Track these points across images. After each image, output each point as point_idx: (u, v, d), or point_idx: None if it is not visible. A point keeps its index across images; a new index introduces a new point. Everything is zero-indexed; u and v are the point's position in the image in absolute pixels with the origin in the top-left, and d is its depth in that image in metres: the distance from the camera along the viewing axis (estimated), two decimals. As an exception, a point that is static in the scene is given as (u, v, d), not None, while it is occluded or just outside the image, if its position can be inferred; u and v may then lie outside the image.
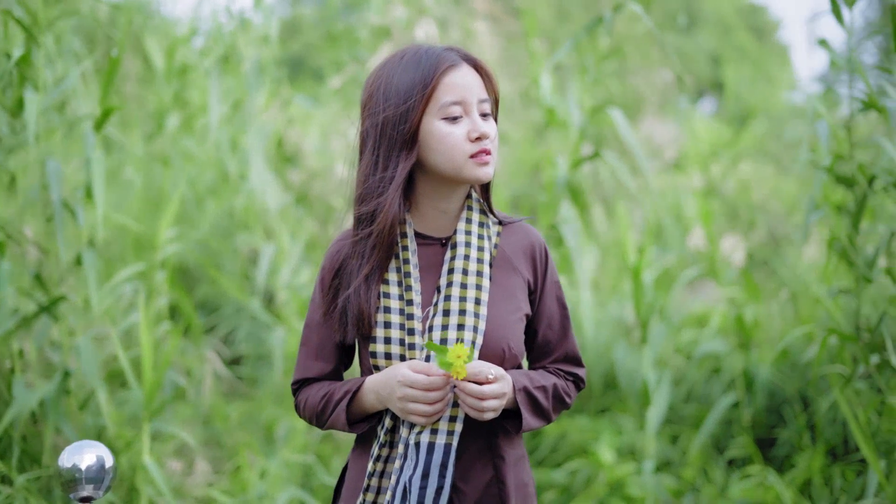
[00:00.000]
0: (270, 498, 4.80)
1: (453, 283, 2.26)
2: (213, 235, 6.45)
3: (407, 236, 2.30)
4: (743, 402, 5.66)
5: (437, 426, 2.20)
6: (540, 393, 2.30)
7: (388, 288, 2.28)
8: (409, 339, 2.25)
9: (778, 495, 5.08)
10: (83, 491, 2.41)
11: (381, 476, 2.26)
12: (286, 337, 5.50)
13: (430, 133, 2.25)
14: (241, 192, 6.18)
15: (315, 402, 2.35)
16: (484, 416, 2.16)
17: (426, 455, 2.19)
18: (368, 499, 2.26)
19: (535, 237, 2.41)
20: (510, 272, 2.34)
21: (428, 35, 6.00)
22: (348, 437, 5.63)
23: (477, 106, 2.27)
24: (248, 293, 6.07)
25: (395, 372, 2.19)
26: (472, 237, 2.31)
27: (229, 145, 6.08)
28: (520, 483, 2.33)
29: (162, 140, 6.09)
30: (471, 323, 2.23)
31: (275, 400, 5.64)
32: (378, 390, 2.23)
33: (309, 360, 2.40)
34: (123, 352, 4.34)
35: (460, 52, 2.30)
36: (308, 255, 6.11)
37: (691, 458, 5.54)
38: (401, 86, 2.27)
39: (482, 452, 2.28)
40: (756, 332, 5.92)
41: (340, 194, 6.35)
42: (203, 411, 5.44)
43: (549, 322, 2.39)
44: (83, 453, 2.42)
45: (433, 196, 2.32)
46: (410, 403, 2.16)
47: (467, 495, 2.26)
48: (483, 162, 2.25)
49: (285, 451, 5.09)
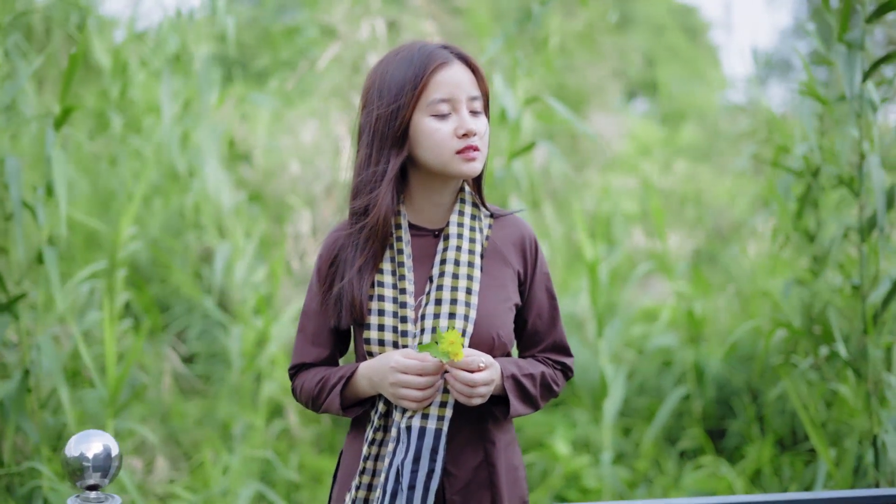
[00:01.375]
0: (233, 493, 4.82)
1: (445, 274, 2.32)
2: (164, 234, 6.42)
3: (401, 227, 2.36)
4: (694, 394, 5.77)
5: (427, 411, 2.27)
6: (528, 380, 2.37)
7: (382, 277, 2.34)
8: (401, 326, 2.31)
9: (730, 485, 5.19)
10: (90, 479, 2.43)
11: (375, 459, 2.33)
12: (243, 334, 5.51)
13: (419, 130, 2.31)
14: (191, 190, 6.17)
15: (311, 386, 2.41)
16: (472, 402, 2.23)
17: (417, 439, 2.26)
18: (364, 481, 2.32)
19: (525, 230, 2.48)
20: (501, 263, 2.41)
21: (377, 34, 6.03)
22: (304, 433, 5.65)
23: (466, 103, 2.32)
24: (201, 291, 6.06)
25: (388, 358, 2.26)
26: (465, 229, 2.38)
27: (179, 143, 6.06)
28: (510, 466, 2.41)
29: (106, 139, 6.04)
30: (462, 312, 2.30)
31: (231, 397, 5.65)
32: (371, 376, 2.30)
33: (306, 346, 2.46)
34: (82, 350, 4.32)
35: (454, 50, 2.36)
36: (263, 253, 6.12)
37: (644, 450, 5.64)
38: (393, 83, 2.33)
39: (472, 437, 2.35)
40: (705, 326, 6.04)
41: (294, 192, 6.37)
42: (161, 409, 5.43)
43: (538, 312, 2.46)
44: (90, 442, 2.44)
45: (425, 189, 2.38)
46: (402, 389, 2.23)
47: (458, 478, 2.33)
48: (469, 158, 2.31)
49: (245, 448, 5.11)
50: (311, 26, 6.80)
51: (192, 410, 5.60)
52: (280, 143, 6.69)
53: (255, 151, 6.51)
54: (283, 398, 5.66)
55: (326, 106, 6.54)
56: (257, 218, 6.20)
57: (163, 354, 5.50)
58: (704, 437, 5.55)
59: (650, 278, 7.48)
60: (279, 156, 6.57)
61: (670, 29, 17.34)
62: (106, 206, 6.09)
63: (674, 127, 12.76)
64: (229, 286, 5.96)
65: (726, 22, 21.61)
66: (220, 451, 5.10)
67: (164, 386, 5.36)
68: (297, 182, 6.33)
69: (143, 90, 6.47)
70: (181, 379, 5.85)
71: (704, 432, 5.69)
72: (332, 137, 6.38)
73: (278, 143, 6.69)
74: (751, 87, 7.81)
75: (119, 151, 5.87)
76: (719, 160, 10.44)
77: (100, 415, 4.56)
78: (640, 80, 16.22)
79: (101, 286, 5.00)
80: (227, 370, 5.79)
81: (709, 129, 11.72)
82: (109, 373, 4.21)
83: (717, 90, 15.94)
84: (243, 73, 7.14)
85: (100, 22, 7.26)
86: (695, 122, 12.65)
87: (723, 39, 22.71)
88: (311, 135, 6.51)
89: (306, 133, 6.50)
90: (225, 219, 5.89)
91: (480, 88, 2.37)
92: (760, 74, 6.24)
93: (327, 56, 5.91)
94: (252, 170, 6.48)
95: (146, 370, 5.44)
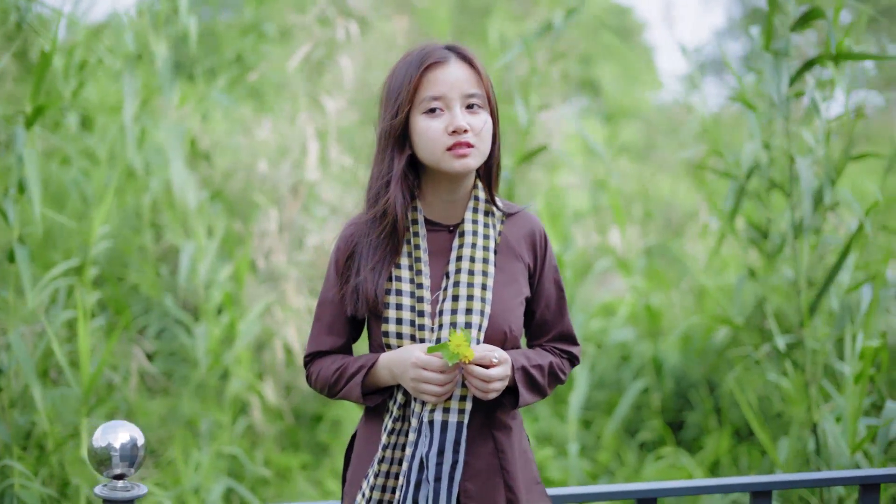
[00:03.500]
0: (205, 489, 4.84)
1: (461, 270, 2.40)
2: (120, 233, 6.39)
3: (417, 223, 2.43)
4: (652, 387, 5.88)
5: (448, 405, 2.35)
6: (536, 371, 2.45)
7: (399, 272, 2.41)
8: (419, 320, 2.39)
9: (690, 475, 5.31)
10: (117, 469, 2.50)
11: (394, 448, 2.40)
12: (209, 332, 5.52)
13: (415, 128, 2.39)
14: (148, 189, 6.15)
15: (328, 374, 2.48)
16: (488, 397, 2.32)
17: (440, 433, 2.34)
18: (382, 469, 2.39)
19: (535, 224, 2.56)
20: (513, 258, 2.49)
21: (350, 34, 6.07)
22: (268, 430, 5.69)
23: (461, 100, 2.37)
24: (160, 290, 6.05)
25: (410, 354, 2.32)
26: (479, 226, 2.45)
27: (136, 142, 6.03)
28: (520, 450, 2.49)
29: (59, 137, 5.99)
30: (478, 307, 2.37)
31: (196, 395, 5.65)
32: (392, 367, 2.37)
33: (322, 335, 2.53)
34: (53, 348, 4.31)
35: (455, 49, 2.42)
36: (227, 251, 6.12)
37: (605, 443, 5.74)
38: (394, 85, 2.41)
39: (483, 425, 2.42)
40: (661, 320, 6.16)
41: (258, 190, 6.38)
42: (127, 407, 5.41)
43: (546, 303, 2.54)
44: (117, 432, 2.51)
45: (435, 187, 2.45)
46: (422, 384, 2.30)
47: (471, 465, 2.41)
48: (460, 154, 2.36)
49: (213, 445, 5.12)
50: (269, 24, 6.81)
51: (156, 408, 5.59)
52: (241, 142, 6.69)
53: (215, 150, 6.50)
54: (247, 396, 5.69)
55: (291, 107, 6.56)
56: (219, 216, 6.19)
57: (130, 353, 5.48)
58: (664, 429, 5.66)
59: (605, 274, 7.58)
60: (239, 155, 6.57)
61: (605, 29, 17.49)
62: (59, 205, 6.04)
63: (614, 126, 12.90)
64: (193, 284, 5.95)
65: (665, 21, 21.82)
66: (189, 448, 5.11)
67: (132, 384, 5.36)
68: (263, 181, 6.34)
69: (98, 88, 6.43)
70: (145, 377, 5.84)
71: (664, 424, 5.81)
72: (298, 137, 6.40)
73: (238, 143, 6.69)
74: (686, 87, 7.95)
75: (72, 150, 5.83)
76: (658, 158, 10.59)
77: (71, 413, 4.55)
78: (578, 80, 16.33)
79: (64, 285, 4.98)
80: (190, 368, 5.79)
81: (648, 127, 11.88)
82: (84, 371, 4.21)
83: (651, 90, 16.12)
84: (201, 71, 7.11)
85: (39, 18, 7.18)
86: (634, 121, 12.80)
87: (660, 39, 22.92)
88: (276, 134, 6.53)
89: (268, 132, 6.51)
90: (188, 217, 5.88)
91: (483, 86, 2.42)
92: (694, 75, 6.36)
93: (298, 56, 5.94)
94: (211, 169, 6.47)
95: (114, 368, 5.43)
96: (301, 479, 5.68)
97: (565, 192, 8.75)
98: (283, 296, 6.13)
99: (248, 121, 6.86)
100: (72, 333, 5.00)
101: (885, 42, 11.41)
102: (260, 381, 5.94)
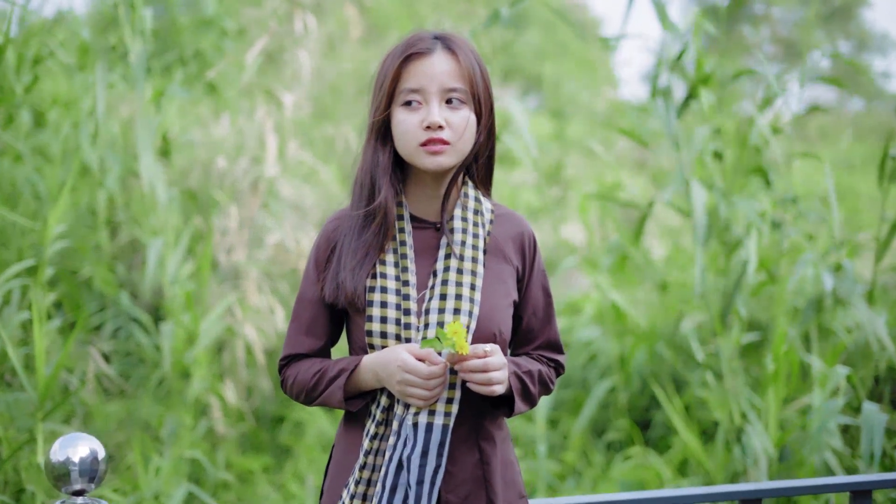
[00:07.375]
0: (166, 494, 4.72)
1: (450, 269, 2.29)
2: (75, 231, 6.24)
3: (403, 219, 2.33)
4: (619, 386, 5.83)
5: (434, 407, 2.24)
6: (528, 378, 2.36)
7: (384, 268, 2.30)
8: (405, 319, 2.27)
9: (658, 474, 5.25)
10: (76, 484, 2.32)
11: (376, 454, 2.28)
12: (174, 332, 5.39)
13: (393, 121, 2.29)
14: (103, 186, 6.01)
15: (306, 378, 2.35)
16: (494, 390, 2.20)
17: (425, 434, 2.23)
18: (364, 476, 2.28)
19: (524, 226, 2.45)
20: (501, 259, 2.38)
21: (307, 27, 5.97)
22: (228, 432, 5.58)
23: (441, 94, 2.27)
24: (115, 288, 5.92)
25: (395, 356, 2.21)
26: (468, 224, 2.34)
27: (90, 138, 5.89)
28: (506, 462, 2.38)
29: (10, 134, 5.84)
30: (466, 307, 2.27)
31: (155, 396, 5.52)
32: (377, 370, 2.25)
33: (299, 336, 2.39)
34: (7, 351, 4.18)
35: (444, 39, 2.32)
36: (188, 249, 6.00)
37: (573, 443, 5.68)
38: (379, 75, 2.32)
39: (469, 435, 2.32)
40: (627, 319, 6.10)
41: (216, 187, 6.25)
42: (84, 410, 5.28)
43: (534, 309, 2.44)
44: (76, 445, 2.34)
45: (419, 181, 2.35)
46: (409, 388, 2.19)
47: (454, 476, 2.30)
48: (433, 151, 2.26)
49: (175, 448, 5.01)
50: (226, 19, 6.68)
51: (114, 411, 5.45)
52: (198, 137, 6.56)
53: (172, 146, 6.36)
54: (207, 397, 5.57)
55: (249, 102, 6.45)
56: (181, 213, 6.07)
57: (87, 354, 5.35)
58: (632, 428, 5.60)
59: (569, 272, 7.52)
60: (197, 150, 6.45)
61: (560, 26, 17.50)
62: (11, 204, 5.89)
63: (561, 122, 12.90)
64: (157, 282, 5.82)
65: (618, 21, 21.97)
66: (148, 452, 4.99)
67: (89, 386, 5.22)
68: (222, 177, 6.22)
69: (53, 84, 6.28)
70: (102, 379, 5.70)
71: (632, 423, 5.75)
72: (257, 132, 6.29)
73: (194, 138, 6.56)
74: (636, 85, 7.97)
75: (25, 147, 5.68)
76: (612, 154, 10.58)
77: (26, 418, 4.42)
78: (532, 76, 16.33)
79: (18, 285, 4.84)
80: (149, 369, 5.66)
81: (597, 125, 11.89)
82: (39, 374, 4.07)
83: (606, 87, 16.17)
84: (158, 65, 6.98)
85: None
86: (581, 118, 12.82)
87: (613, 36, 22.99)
88: (234, 129, 6.41)
89: (227, 128, 6.39)
90: (157, 214, 5.74)
91: (468, 81, 2.31)
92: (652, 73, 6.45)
93: (255, 50, 5.82)
94: (169, 165, 6.33)
95: (70, 370, 5.29)
96: (263, 482, 5.57)
97: (517, 189, 8.71)
98: (243, 295, 6.01)
99: (205, 117, 6.73)
100: (26, 335, 4.86)
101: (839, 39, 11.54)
102: (220, 383, 5.82)
